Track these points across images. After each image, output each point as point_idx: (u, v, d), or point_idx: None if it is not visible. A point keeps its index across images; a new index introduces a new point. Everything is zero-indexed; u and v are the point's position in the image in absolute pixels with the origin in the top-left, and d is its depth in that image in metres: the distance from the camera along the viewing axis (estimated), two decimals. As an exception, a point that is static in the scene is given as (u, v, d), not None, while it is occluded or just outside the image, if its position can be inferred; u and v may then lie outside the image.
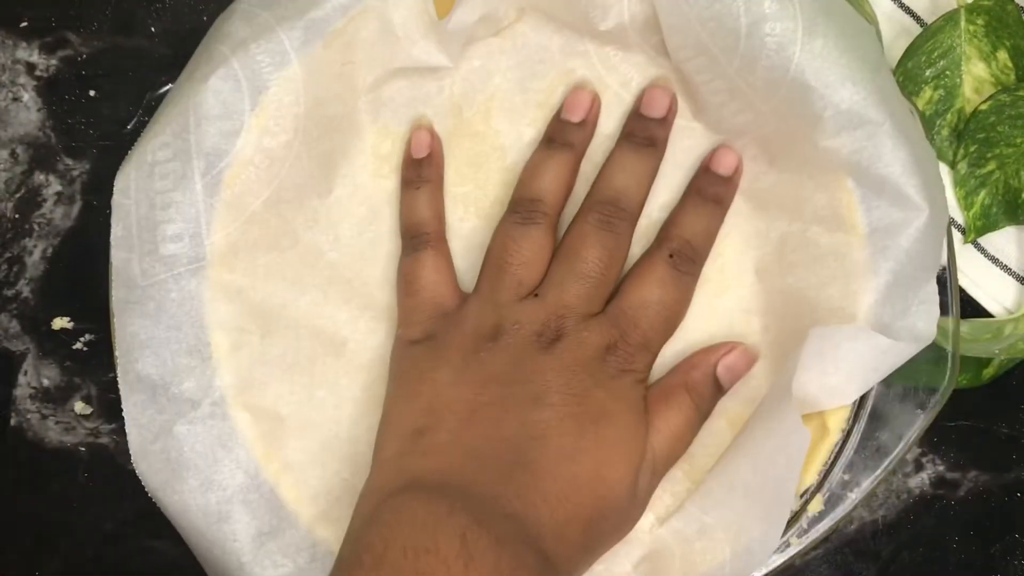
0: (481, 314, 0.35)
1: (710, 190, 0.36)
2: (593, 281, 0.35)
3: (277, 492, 0.36)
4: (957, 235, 0.43)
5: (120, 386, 0.35)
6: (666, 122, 0.37)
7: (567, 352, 0.34)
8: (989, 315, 0.43)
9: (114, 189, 0.35)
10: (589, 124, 0.37)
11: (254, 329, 0.36)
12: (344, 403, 0.37)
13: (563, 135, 0.37)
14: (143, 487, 0.35)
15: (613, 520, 0.33)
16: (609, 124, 0.38)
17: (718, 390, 0.36)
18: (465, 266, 0.38)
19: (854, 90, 0.33)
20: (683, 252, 0.36)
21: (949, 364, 0.36)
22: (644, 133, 0.37)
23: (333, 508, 0.36)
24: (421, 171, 0.37)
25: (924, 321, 0.34)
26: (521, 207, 0.36)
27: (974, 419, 0.44)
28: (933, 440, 0.44)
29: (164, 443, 0.35)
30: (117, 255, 0.35)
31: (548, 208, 0.36)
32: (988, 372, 0.42)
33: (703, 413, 0.36)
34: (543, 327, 0.34)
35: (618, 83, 0.38)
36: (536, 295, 0.35)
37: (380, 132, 0.38)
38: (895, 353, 0.33)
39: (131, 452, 0.35)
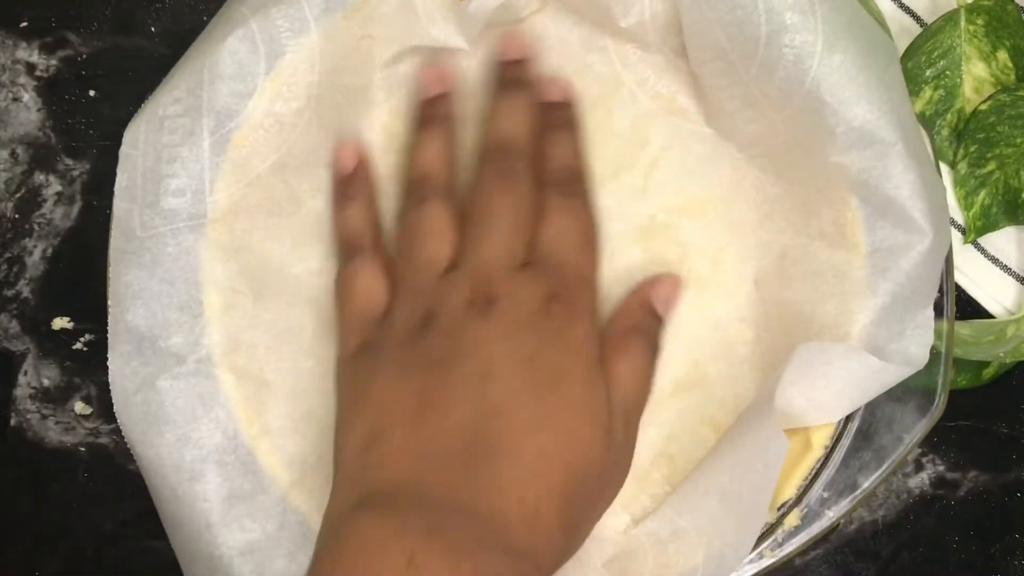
0: (408, 307, 0.33)
1: (555, 116, 0.37)
2: (507, 231, 0.34)
3: (254, 456, 0.35)
4: (957, 235, 0.43)
5: (109, 336, 0.35)
6: (525, 62, 0.37)
7: (505, 313, 0.32)
8: (989, 315, 0.43)
9: (123, 141, 0.35)
10: (448, 92, 0.37)
11: (247, 292, 0.36)
12: (331, 375, 0.37)
13: (429, 111, 0.37)
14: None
15: (594, 483, 0.32)
16: (622, 123, 0.38)
17: (660, 323, 0.36)
18: None
19: (868, 109, 0.33)
20: (562, 177, 0.35)
21: (940, 383, 0.36)
22: (508, 76, 0.37)
23: (308, 477, 0.36)
24: (350, 187, 0.37)
25: (918, 346, 0.34)
26: (411, 190, 0.36)
27: (974, 419, 0.44)
28: (933, 440, 0.44)
29: (145, 395, 0.34)
30: (119, 205, 0.35)
31: (437, 182, 0.35)
32: (988, 372, 0.42)
33: (656, 349, 0.35)
34: (472, 293, 0.32)
35: (634, 81, 0.38)
36: (455, 267, 0.34)
37: (393, 109, 0.38)
38: (886, 375, 0.33)
39: (114, 401, 0.34)
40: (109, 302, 0.35)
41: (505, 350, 0.31)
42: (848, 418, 0.36)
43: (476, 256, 0.33)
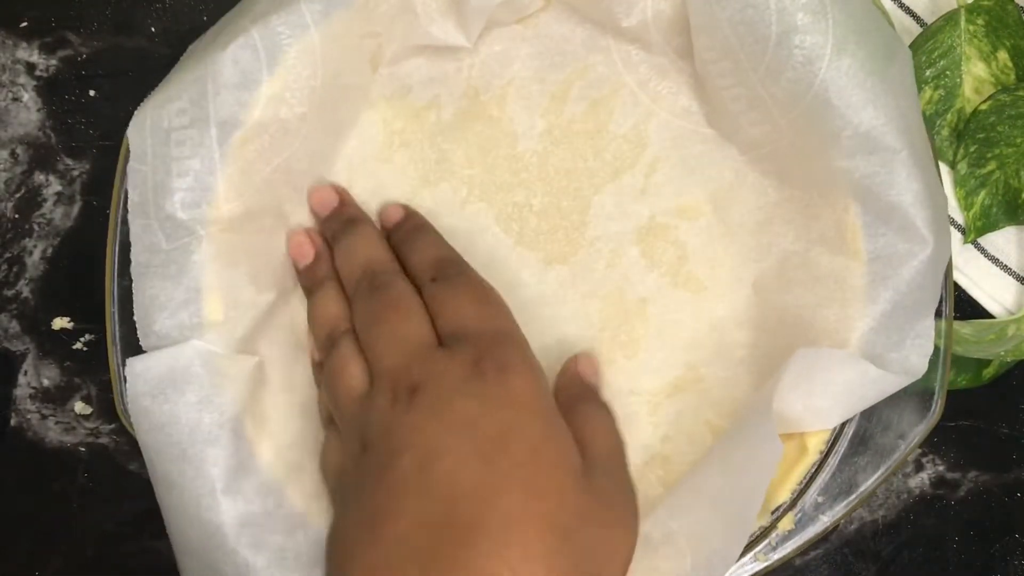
0: (345, 443, 0.32)
1: (402, 231, 0.37)
2: (401, 322, 0.32)
3: (252, 445, 0.35)
4: (957, 235, 0.43)
5: (144, 347, 0.35)
6: (346, 203, 0.37)
7: (432, 391, 0.30)
8: (989, 315, 0.43)
9: (130, 154, 0.35)
10: (323, 254, 0.37)
11: (255, 290, 0.36)
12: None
13: (312, 276, 0.37)
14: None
15: (585, 534, 0.28)
16: (623, 123, 0.38)
17: (597, 388, 0.36)
18: (463, 247, 0.38)
19: (875, 114, 0.32)
20: (436, 271, 0.34)
21: (938, 388, 0.36)
22: (336, 222, 0.37)
23: (303, 472, 0.36)
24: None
25: (917, 355, 0.34)
26: (323, 346, 0.35)
27: (974, 419, 0.44)
28: (933, 440, 0.44)
29: (176, 352, 0.34)
30: (135, 222, 0.35)
31: (340, 329, 0.35)
32: (988, 372, 0.42)
33: (607, 407, 0.34)
34: (393, 392, 0.30)
35: (635, 82, 0.38)
36: (371, 384, 0.32)
37: (394, 107, 0.38)
38: (884, 383, 0.33)
39: (130, 362, 0.34)
40: (136, 317, 0.35)
41: (441, 426, 0.29)
42: (844, 423, 0.36)
43: (382, 359, 0.32)
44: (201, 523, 0.34)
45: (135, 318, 0.35)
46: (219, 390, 0.34)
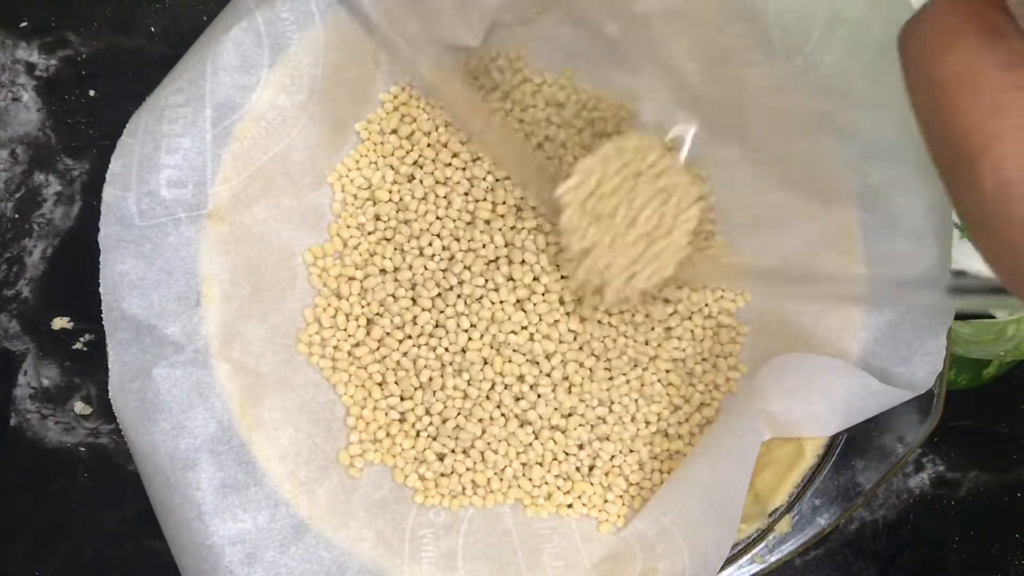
0: None
1: None
2: None
3: (248, 447, 0.35)
4: (955, 231, 0.43)
5: (105, 324, 0.34)
6: None
7: None
8: (989, 315, 0.43)
9: (124, 131, 0.34)
10: None
11: (245, 283, 0.36)
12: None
13: None
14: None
15: None
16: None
17: None
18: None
19: (903, 120, 0.32)
20: None
21: (936, 395, 0.35)
22: None
23: (301, 470, 0.36)
24: None
25: (925, 372, 0.33)
26: None
27: (974, 419, 0.44)
28: (933, 440, 0.44)
29: (142, 383, 0.34)
30: (110, 191, 0.34)
31: None
32: (988, 372, 0.42)
33: None
34: None
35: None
36: None
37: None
38: (885, 397, 0.33)
39: (110, 387, 0.34)
40: (101, 289, 0.34)
41: None
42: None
43: None
44: (194, 546, 0.34)
45: (100, 291, 0.34)
46: (191, 413, 0.34)
